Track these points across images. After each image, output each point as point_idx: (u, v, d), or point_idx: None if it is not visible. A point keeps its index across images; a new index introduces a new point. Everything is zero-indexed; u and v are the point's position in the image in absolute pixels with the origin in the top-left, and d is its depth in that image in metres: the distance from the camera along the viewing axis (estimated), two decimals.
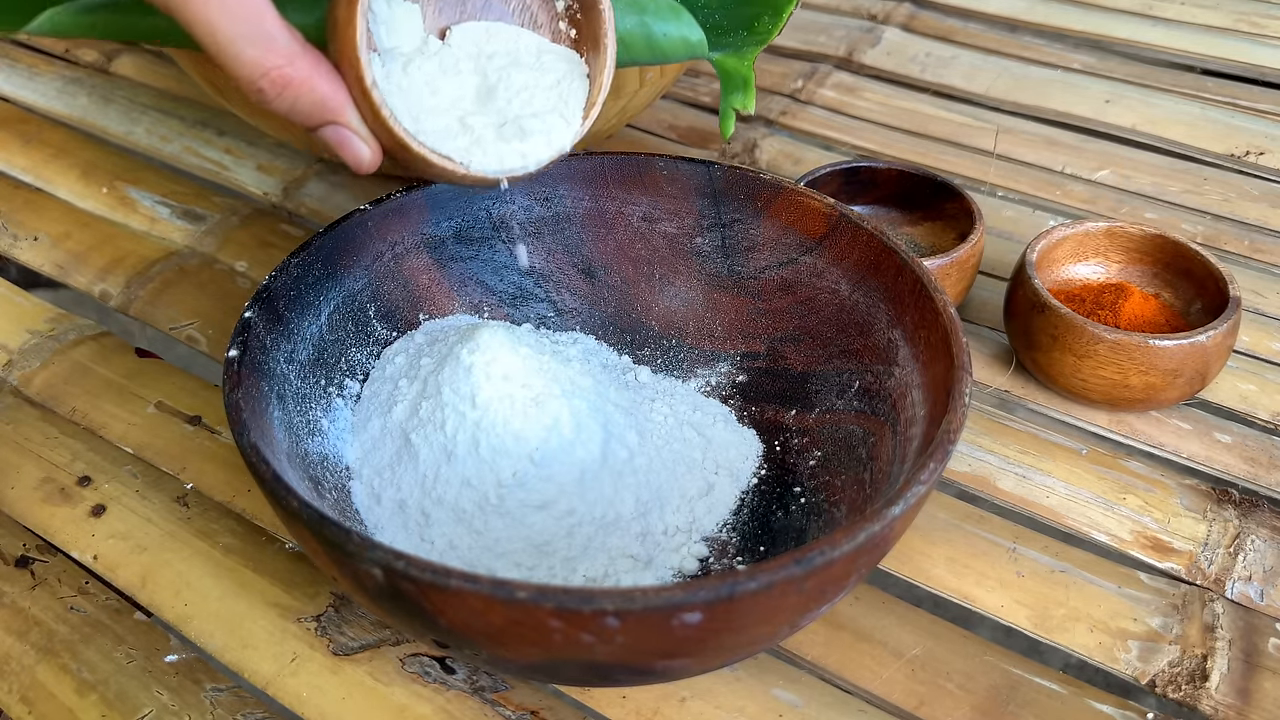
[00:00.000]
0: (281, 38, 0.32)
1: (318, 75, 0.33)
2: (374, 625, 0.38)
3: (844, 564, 0.29)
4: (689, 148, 0.63)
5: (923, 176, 0.52)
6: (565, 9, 0.39)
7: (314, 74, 0.33)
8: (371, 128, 0.35)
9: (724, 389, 0.44)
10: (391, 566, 0.28)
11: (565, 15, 0.39)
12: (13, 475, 0.43)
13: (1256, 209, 0.57)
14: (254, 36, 0.32)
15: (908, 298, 0.38)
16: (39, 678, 0.36)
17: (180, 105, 0.66)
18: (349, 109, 0.35)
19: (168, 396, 0.47)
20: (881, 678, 0.36)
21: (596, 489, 0.37)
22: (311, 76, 0.33)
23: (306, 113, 0.34)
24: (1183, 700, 0.36)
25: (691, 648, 0.29)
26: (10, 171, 0.61)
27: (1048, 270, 0.47)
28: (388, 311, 0.43)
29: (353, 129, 0.35)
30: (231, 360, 0.35)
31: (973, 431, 0.45)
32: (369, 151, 0.36)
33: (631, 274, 0.45)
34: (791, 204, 0.42)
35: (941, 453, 0.31)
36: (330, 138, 0.35)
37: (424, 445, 0.37)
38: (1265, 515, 0.41)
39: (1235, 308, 0.43)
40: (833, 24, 0.75)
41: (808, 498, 0.39)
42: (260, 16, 0.32)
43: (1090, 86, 0.67)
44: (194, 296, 0.52)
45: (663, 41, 0.44)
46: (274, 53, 0.32)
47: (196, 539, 0.41)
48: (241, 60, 0.32)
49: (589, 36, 0.39)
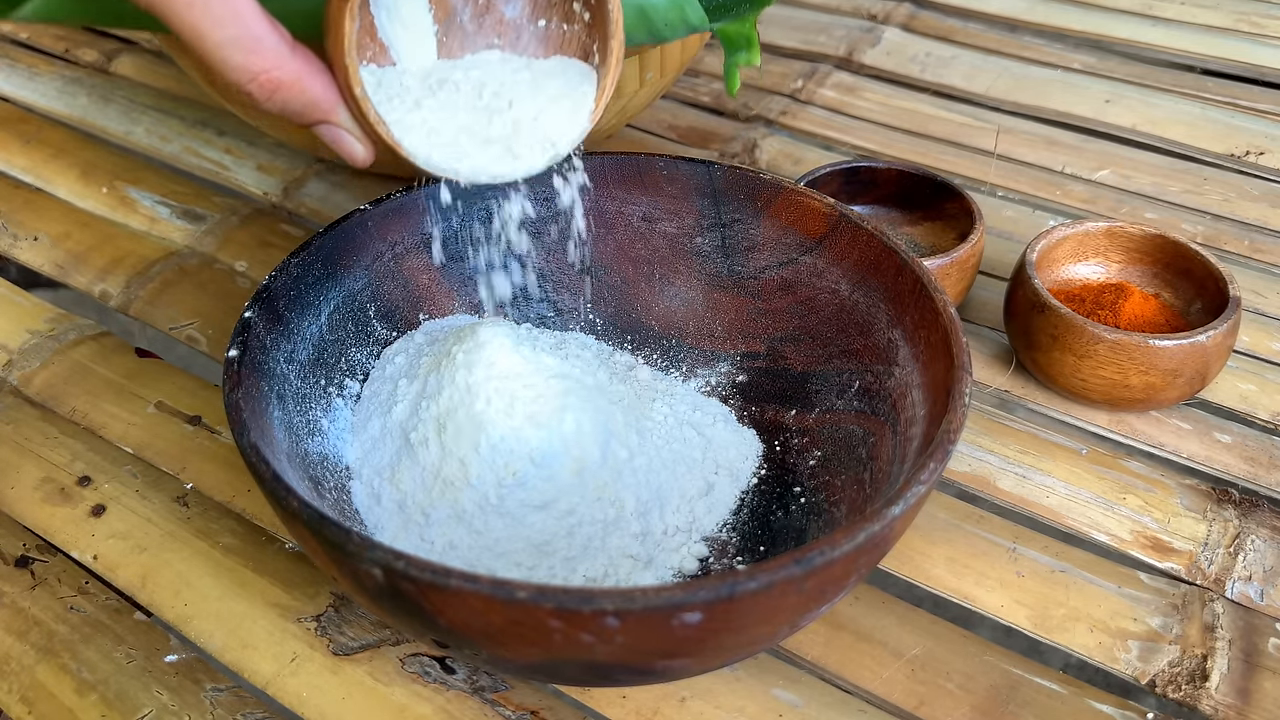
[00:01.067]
0: (269, 40, 0.32)
1: (307, 76, 0.33)
2: (374, 625, 0.38)
3: (844, 564, 0.29)
4: (689, 148, 0.63)
5: (923, 176, 0.52)
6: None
7: (303, 75, 0.33)
8: (363, 127, 0.35)
9: (724, 389, 0.44)
10: (391, 566, 0.28)
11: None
12: (13, 475, 0.43)
13: (1256, 209, 0.57)
14: (241, 40, 0.31)
15: (908, 298, 0.38)
16: (39, 678, 0.36)
17: (180, 105, 0.66)
18: (340, 108, 0.34)
19: (168, 396, 0.47)
20: (881, 678, 0.36)
21: (596, 489, 0.37)
22: (301, 78, 0.33)
23: (298, 113, 0.34)
24: (1183, 700, 0.36)
25: (691, 648, 0.29)
26: (10, 171, 0.61)
27: (1048, 270, 0.47)
28: (388, 311, 0.43)
29: (345, 127, 0.35)
30: (231, 360, 0.35)
31: (973, 431, 0.45)
32: (362, 148, 0.36)
33: (631, 274, 0.45)
34: (791, 204, 0.42)
35: (941, 453, 0.31)
36: (324, 135, 0.35)
37: (424, 445, 0.37)
38: (1265, 515, 0.41)
39: (1235, 308, 0.43)
40: (833, 24, 0.75)
41: (808, 498, 0.39)
42: (245, 19, 0.32)
43: (1090, 86, 0.67)
44: (194, 296, 0.52)
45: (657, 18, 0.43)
46: (261, 56, 0.32)
47: (196, 539, 0.41)
48: (230, 65, 0.32)
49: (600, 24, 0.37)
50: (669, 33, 0.44)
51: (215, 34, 0.31)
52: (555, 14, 0.38)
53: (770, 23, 0.75)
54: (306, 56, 0.33)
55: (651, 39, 0.44)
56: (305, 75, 0.33)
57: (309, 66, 0.33)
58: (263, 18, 0.32)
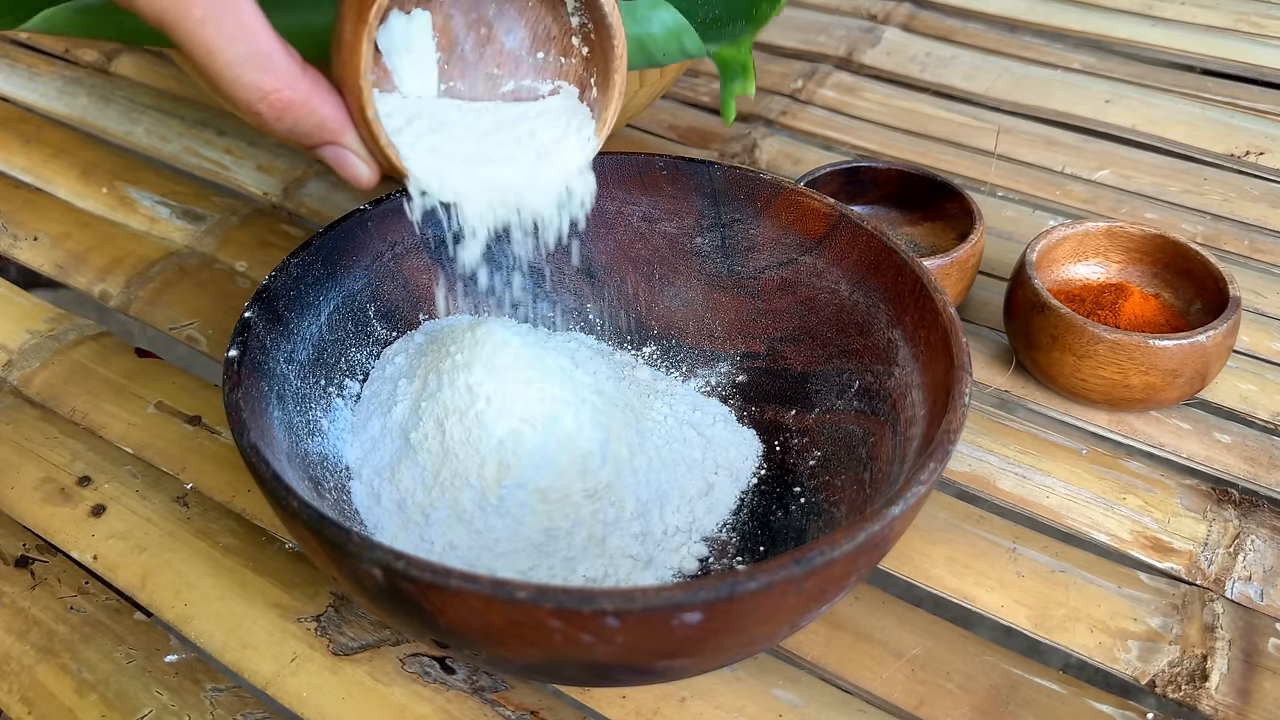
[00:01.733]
0: (280, 58, 0.32)
1: (317, 97, 0.33)
2: (374, 625, 0.38)
3: (844, 564, 0.29)
4: (689, 148, 0.63)
5: (923, 176, 0.52)
6: (580, 25, 0.38)
7: (313, 96, 0.32)
8: (371, 150, 0.35)
9: (724, 389, 0.44)
10: (391, 566, 0.28)
11: (579, 31, 0.38)
12: (13, 475, 0.43)
13: (1256, 209, 0.57)
14: (251, 58, 0.31)
15: (908, 298, 0.38)
16: (39, 678, 0.36)
17: (180, 105, 0.66)
18: (349, 131, 0.34)
19: (168, 396, 0.47)
20: (881, 678, 0.36)
21: (596, 489, 0.37)
22: (311, 99, 0.32)
23: (306, 134, 0.33)
24: (1183, 700, 0.36)
25: (691, 648, 0.29)
26: (10, 171, 0.61)
27: (1048, 270, 0.47)
28: (388, 311, 0.43)
29: (352, 150, 0.34)
30: (231, 360, 0.35)
31: (973, 431, 0.45)
32: (368, 170, 0.35)
33: (631, 274, 0.45)
34: (791, 204, 0.42)
35: (941, 453, 0.31)
36: (329, 157, 0.35)
37: (423, 445, 0.37)
38: (1265, 515, 0.41)
39: (1235, 308, 0.43)
40: (833, 24, 0.75)
41: (808, 498, 0.39)
42: (257, 37, 0.31)
43: (1090, 86, 0.67)
44: (194, 296, 0.52)
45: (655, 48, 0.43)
46: (272, 75, 0.31)
47: (196, 539, 0.41)
48: (240, 84, 0.31)
49: (599, 58, 0.38)
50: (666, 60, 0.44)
51: (226, 51, 0.31)
52: (554, 47, 0.39)
53: (770, 23, 0.74)
54: (316, 78, 0.33)
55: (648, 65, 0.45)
56: (315, 96, 0.33)
57: (319, 87, 0.33)
58: (274, 37, 0.32)
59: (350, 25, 0.33)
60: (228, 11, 0.30)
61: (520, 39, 0.39)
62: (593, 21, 0.38)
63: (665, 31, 0.43)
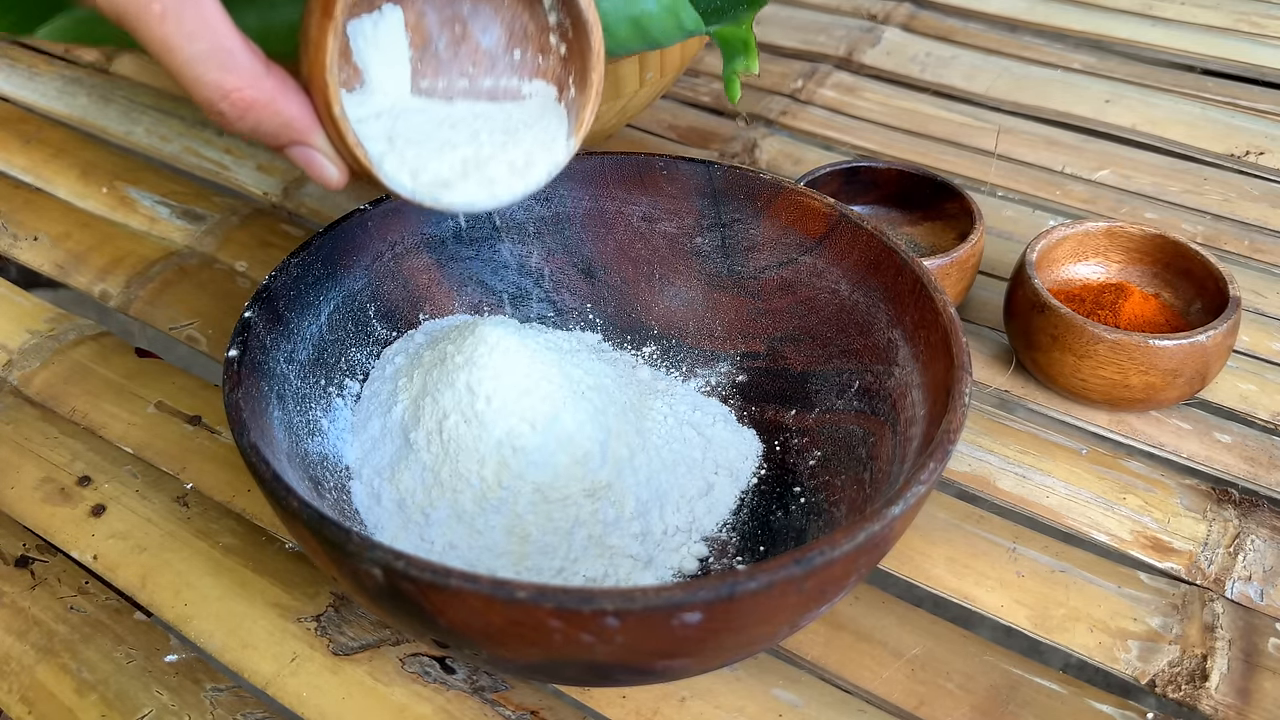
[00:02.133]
0: (243, 56, 0.31)
1: (282, 97, 0.32)
2: (374, 625, 0.38)
3: (844, 564, 0.29)
4: (689, 148, 0.63)
5: (923, 176, 0.52)
6: (557, 23, 0.38)
7: (278, 95, 0.32)
8: (339, 150, 0.34)
9: (724, 389, 0.44)
10: (391, 566, 0.28)
11: (556, 29, 0.38)
12: (13, 475, 0.43)
13: (1256, 209, 0.57)
14: (212, 55, 0.30)
15: (908, 298, 0.38)
16: (39, 678, 0.36)
17: (180, 105, 0.66)
18: (316, 131, 0.33)
19: (168, 396, 0.47)
20: (881, 678, 0.36)
21: (596, 489, 0.37)
22: (275, 98, 0.32)
23: (271, 134, 0.33)
24: (1183, 700, 0.36)
25: (691, 648, 0.29)
26: (10, 171, 0.61)
27: (1048, 270, 0.47)
28: (388, 311, 0.43)
29: (320, 150, 0.34)
30: (231, 360, 0.35)
31: (973, 431, 0.45)
32: (336, 172, 0.34)
33: (631, 274, 0.45)
34: (791, 204, 0.42)
35: (941, 453, 0.31)
36: (297, 157, 0.34)
37: (424, 445, 0.37)
38: (1265, 515, 0.41)
39: (1235, 308, 0.43)
40: (833, 24, 0.75)
41: (808, 498, 0.39)
42: (218, 33, 0.30)
43: (1090, 86, 0.67)
44: (194, 296, 0.52)
45: (652, 26, 0.42)
46: (234, 73, 0.31)
47: (196, 539, 0.41)
48: (201, 82, 0.31)
49: (576, 57, 0.37)
50: (665, 39, 0.44)
51: (187, 49, 0.30)
52: (531, 45, 0.38)
53: (770, 23, 0.75)
54: (281, 76, 0.32)
55: (648, 46, 0.44)
56: (280, 95, 0.32)
57: (284, 86, 0.32)
58: (236, 33, 0.31)
59: (316, 20, 0.32)
60: (188, 7, 0.30)
61: (496, 37, 0.38)
62: (570, 18, 0.37)
63: (660, 8, 0.42)
